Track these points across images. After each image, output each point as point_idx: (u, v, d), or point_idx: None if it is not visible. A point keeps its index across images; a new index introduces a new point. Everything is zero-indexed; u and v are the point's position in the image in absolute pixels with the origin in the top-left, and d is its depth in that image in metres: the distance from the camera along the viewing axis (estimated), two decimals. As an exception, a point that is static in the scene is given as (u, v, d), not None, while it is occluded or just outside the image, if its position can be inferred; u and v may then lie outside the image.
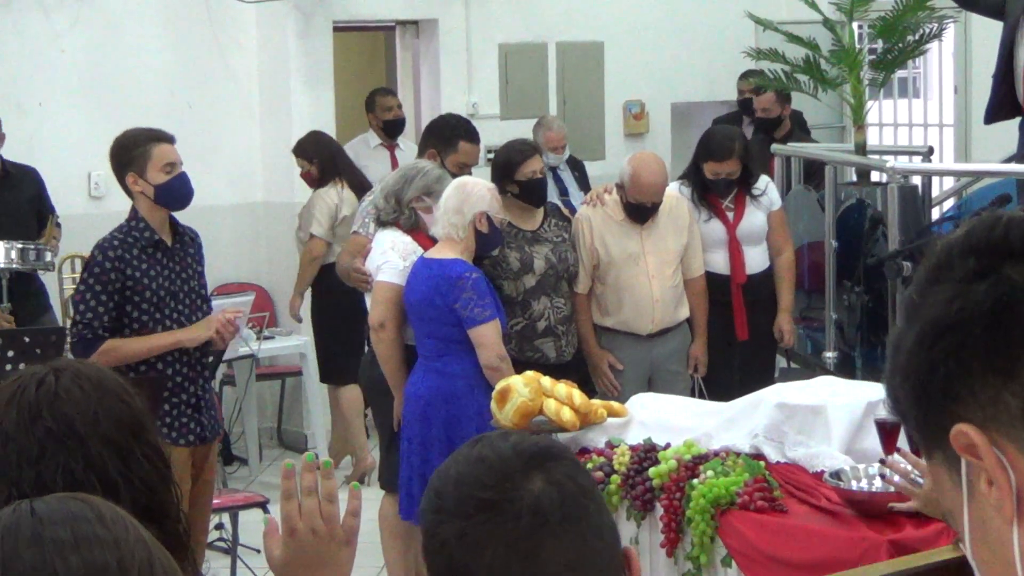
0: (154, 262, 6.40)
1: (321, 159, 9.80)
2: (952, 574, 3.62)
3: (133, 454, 2.77)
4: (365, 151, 10.99)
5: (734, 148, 8.12)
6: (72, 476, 2.68)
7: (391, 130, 11.00)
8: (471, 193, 6.78)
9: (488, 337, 6.62)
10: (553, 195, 9.79)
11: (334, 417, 10.25)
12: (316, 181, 9.82)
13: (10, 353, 7.39)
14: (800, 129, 11.56)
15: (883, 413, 5.15)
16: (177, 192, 6.49)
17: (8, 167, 8.21)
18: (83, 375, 2.82)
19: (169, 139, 6.53)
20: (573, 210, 8.50)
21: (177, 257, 6.52)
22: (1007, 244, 1.35)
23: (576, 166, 10.69)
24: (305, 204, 9.84)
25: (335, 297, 9.36)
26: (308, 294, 10.08)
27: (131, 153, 6.41)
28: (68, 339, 6.65)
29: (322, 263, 9.66)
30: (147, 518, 2.72)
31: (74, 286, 8.13)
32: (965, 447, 1.33)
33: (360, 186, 9.60)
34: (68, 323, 8.15)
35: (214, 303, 8.16)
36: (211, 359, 6.81)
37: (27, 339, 7.46)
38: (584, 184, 10.31)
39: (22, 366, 7.38)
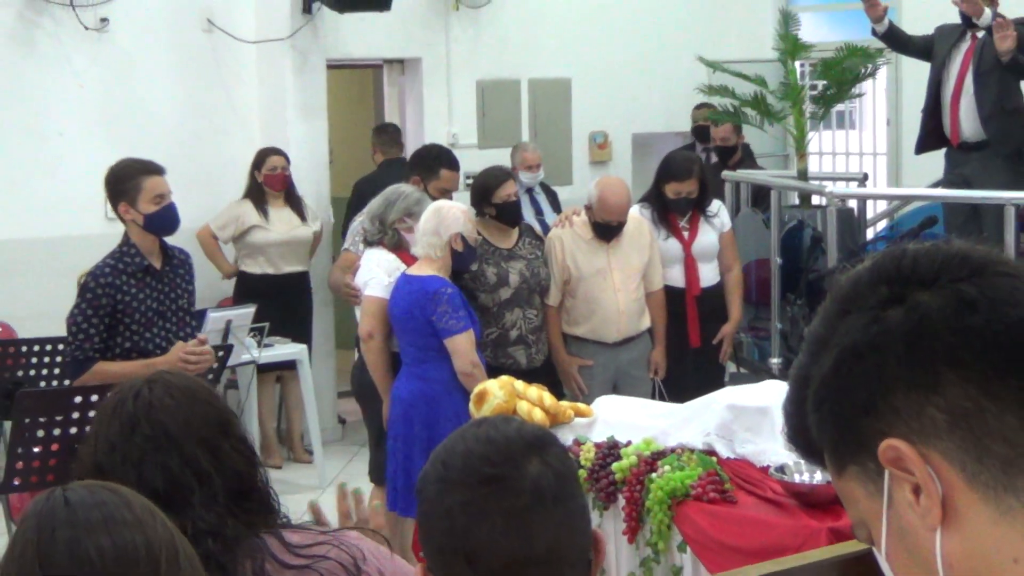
0: (143, 285, 6.34)
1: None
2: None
3: (222, 448, 2.90)
4: None
5: (693, 169, 8.21)
6: (170, 472, 2.81)
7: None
8: (446, 216, 6.78)
9: (462, 346, 6.62)
10: (529, 214, 9.79)
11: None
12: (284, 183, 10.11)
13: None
14: (748, 158, 11.59)
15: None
16: (164, 221, 6.38)
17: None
18: (173, 385, 2.95)
19: (160, 171, 6.41)
20: (546, 228, 8.50)
21: (166, 279, 6.44)
22: (917, 273, 1.35)
23: (548, 191, 10.69)
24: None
25: None
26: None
27: (124, 184, 6.32)
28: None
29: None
30: (239, 495, 2.84)
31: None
32: (892, 460, 1.32)
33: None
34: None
35: (215, 314, 8.15)
36: (210, 375, 6.77)
37: (48, 347, 7.43)
38: (556, 206, 10.30)
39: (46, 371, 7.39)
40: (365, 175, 10.84)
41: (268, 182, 10.01)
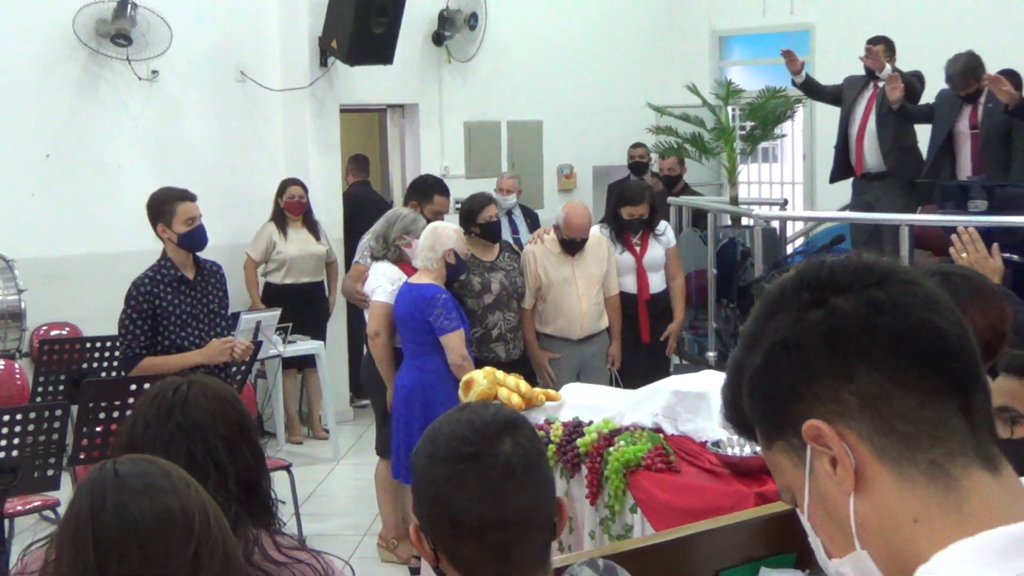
0: (178, 293, 6.31)
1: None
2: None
3: (238, 446, 2.83)
4: None
5: (644, 195, 8.25)
6: (192, 457, 2.74)
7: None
8: (441, 234, 6.78)
9: (454, 342, 6.60)
10: (507, 232, 9.79)
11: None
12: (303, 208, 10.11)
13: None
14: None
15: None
16: (195, 239, 6.35)
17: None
18: (208, 388, 2.90)
19: (191, 197, 6.38)
20: (521, 245, 8.50)
21: (199, 287, 6.41)
22: (834, 280, 1.35)
23: (529, 214, 10.70)
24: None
25: None
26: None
27: (161, 209, 6.30)
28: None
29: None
30: (246, 489, 2.79)
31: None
32: (813, 437, 1.32)
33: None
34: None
35: (247, 316, 8.13)
36: (243, 367, 6.74)
37: (108, 344, 7.40)
38: (535, 226, 10.29)
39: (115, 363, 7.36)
40: (344, 191, 11.19)
41: (288, 208, 10.01)
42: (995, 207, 8.28)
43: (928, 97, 9.62)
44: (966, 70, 9.05)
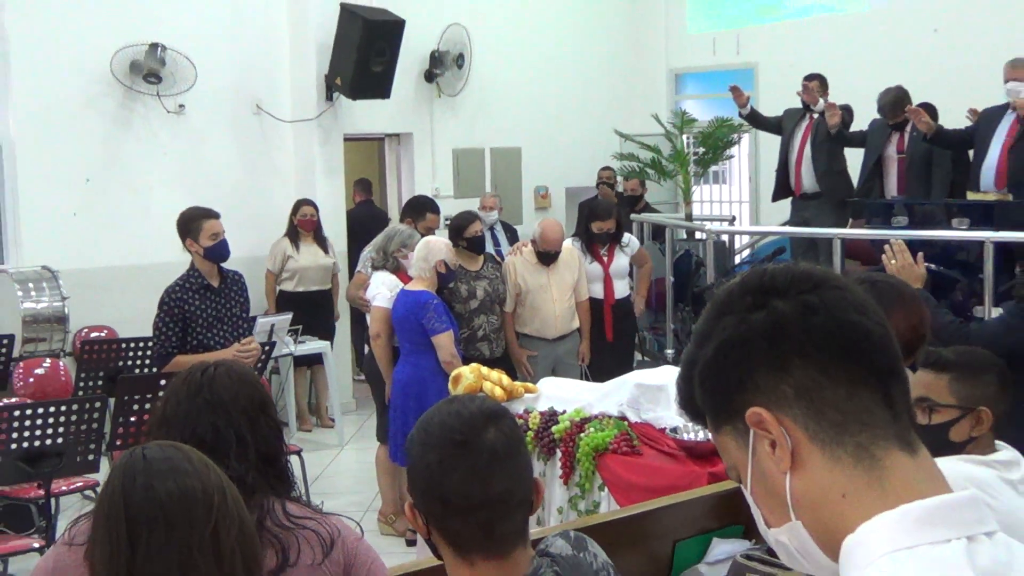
0: (204, 299, 6.31)
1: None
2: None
3: (258, 421, 2.80)
4: None
5: (612, 212, 8.27)
6: (217, 431, 2.73)
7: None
8: (433, 247, 6.78)
9: (444, 342, 6.59)
10: (490, 245, 9.80)
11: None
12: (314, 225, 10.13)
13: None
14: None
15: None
16: (219, 252, 6.36)
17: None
18: (233, 370, 2.88)
19: (216, 215, 6.40)
20: (502, 257, 8.50)
21: (223, 294, 6.40)
22: (774, 286, 1.35)
23: (509, 229, 10.70)
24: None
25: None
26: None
27: (189, 225, 6.32)
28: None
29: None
30: (266, 460, 2.77)
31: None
32: (756, 423, 1.32)
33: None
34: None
35: (262, 320, 8.10)
36: (259, 364, 6.71)
37: (141, 344, 7.38)
38: (513, 241, 10.29)
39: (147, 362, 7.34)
40: (350, 209, 11.44)
41: (301, 224, 10.00)
42: (915, 222, 8.31)
43: (858, 126, 9.66)
44: (896, 101, 9.10)
